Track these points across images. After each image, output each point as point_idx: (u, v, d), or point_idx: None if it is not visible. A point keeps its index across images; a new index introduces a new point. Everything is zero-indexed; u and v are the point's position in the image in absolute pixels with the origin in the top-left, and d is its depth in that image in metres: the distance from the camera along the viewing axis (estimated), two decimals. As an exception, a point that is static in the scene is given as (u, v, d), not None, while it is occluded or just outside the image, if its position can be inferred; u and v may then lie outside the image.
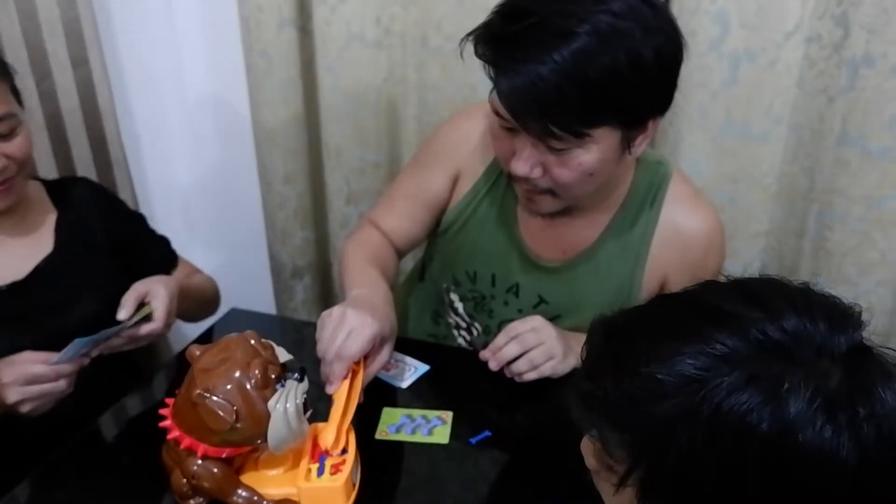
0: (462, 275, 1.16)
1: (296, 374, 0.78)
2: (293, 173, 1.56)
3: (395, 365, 1.07)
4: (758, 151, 1.25)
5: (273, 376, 0.76)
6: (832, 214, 1.23)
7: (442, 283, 1.22)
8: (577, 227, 1.07)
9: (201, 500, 0.80)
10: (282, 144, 1.52)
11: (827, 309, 0.51)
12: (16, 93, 1.03)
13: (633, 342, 0.54)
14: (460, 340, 1.22)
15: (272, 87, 1.46)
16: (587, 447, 0.59)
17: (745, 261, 1.34)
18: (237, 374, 0.74)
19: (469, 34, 0.87)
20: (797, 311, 0.49)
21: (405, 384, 1.03)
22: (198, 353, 0.78)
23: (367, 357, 0.92)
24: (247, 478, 0.81)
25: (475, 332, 1.20)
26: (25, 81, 1.28)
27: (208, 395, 0.73)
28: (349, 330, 0.89)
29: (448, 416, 0.96)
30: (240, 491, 0.79)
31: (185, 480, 0.78)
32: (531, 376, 0.99)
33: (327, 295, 1.75)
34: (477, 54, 0.87)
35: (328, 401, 0.85)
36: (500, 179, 1.09)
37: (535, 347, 0.98)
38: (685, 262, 1.05)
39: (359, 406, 0.88)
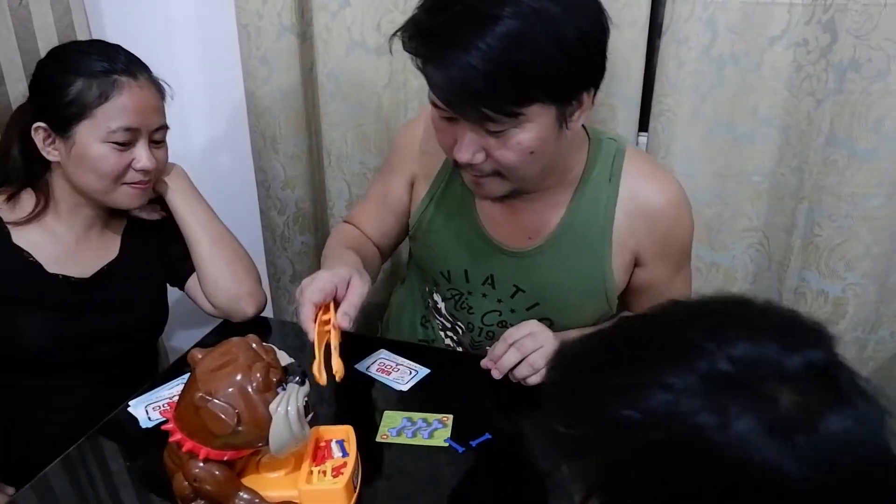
0: (438, 276, 1.18)
1: (297, 378, 0.79)
2: (293, 179, 1.57)
3: (395, 368, 1.08)
4: (748, 152, 1.27)
5: (275, 380, 0.77)
6: (821, 212, 1.25)
7: (424, 286, 1.24)
8: (537, 211, 1.08)
9: (203, 502, 0.80)
10: (281, 150, 1.53)
11: (781, 329, 0.50)
12: None
13: (589, 375, 0.53)
14: (448, 342, 1.24)
15: (272, 93, 1.47)
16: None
17: (734, 254, 1.36)
18: (239, 377, 0.75)
19: (397, 31, 0.90)
20: (747, 337, 0.48)
21: (405, 387, 1.04)
22: (199, 356, 0.79)
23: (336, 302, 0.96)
24: (248, 480, 0.82)
25: (460, 331, 1.22)
26: (19, 86, 1.30)
27: (210, 398, 0.74)
28: (312, 280, 0.95)
29: (448, 419, 0.96)
30: (241, 493, 0.79)
31: (186, 483, 0.79)
32: (535, 380, 1.00)
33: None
34: (406, 49, 0.90)
35: (329, 405, 0.86)
36: (454, 176, 1.11)
37: (534, 352, 1.00)
38: (654, 234, 1.06)
39: (360, 409, 0.88)
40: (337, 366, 0.87)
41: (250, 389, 0.75)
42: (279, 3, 1.38)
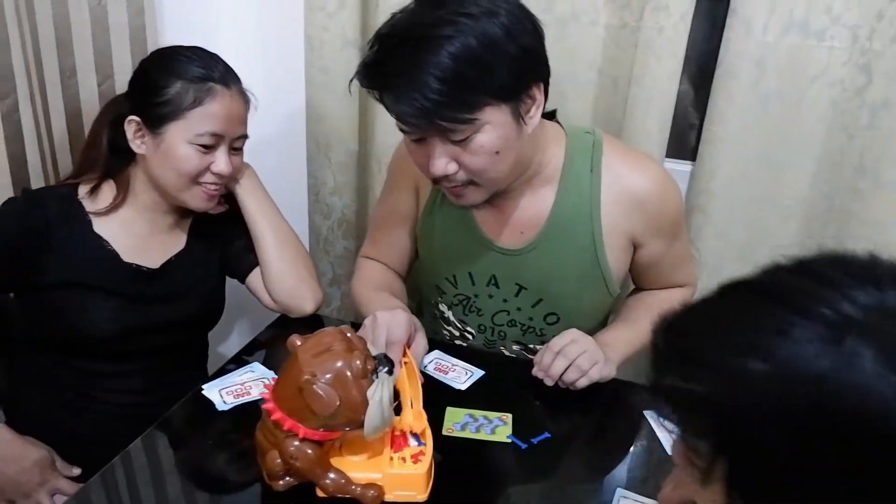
0: (444, 283, 1.25)
1: (386, 368, 0.84)
2: (341, 185, 1.63)
3: (452, 368, 1.13)
4: (784, 178, 1.35)
5: (369, 368, 0.82)
6: (847, 235, 1.34)
7: (431, 299, 1.31)
8: (524, 207, 1.15)
9: (292, 480, 0.85)
10: (333, 158, 1.59)
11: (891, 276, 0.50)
12: None
13: (702, 335, 0.54)
14: None
15: (330, 101, 1.53)
16: (674, 446, 0.60)
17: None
18: (339, 363, 0.80)
19: (354, 75, 1.00)
20: (866, 285, 0.49)
21: (463, 387, 1.09)
22: (299, 342, 0.84)
23: (408, 346, 1.05)
24: (332, 461, 0.86)
25: (470, 337, 1.28)
26: (88, 80, 1.34)
27: (315, 380, 0.79)
28: (387, 324, 1.03)
29: (508, 417, 1.02)
30: (330, 473, 0.84)
31: (280, 461, 0.83)
32: (583, 383, 1.06)
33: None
34: (363, 86, 0.99)
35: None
36: None
37: (579, 356, 1.06)
38: (646, 215, 1.14)
39: (425, 402, 0.94)
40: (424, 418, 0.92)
41: (349, 375, 0.80)
42: (345, 19, 1.45)
